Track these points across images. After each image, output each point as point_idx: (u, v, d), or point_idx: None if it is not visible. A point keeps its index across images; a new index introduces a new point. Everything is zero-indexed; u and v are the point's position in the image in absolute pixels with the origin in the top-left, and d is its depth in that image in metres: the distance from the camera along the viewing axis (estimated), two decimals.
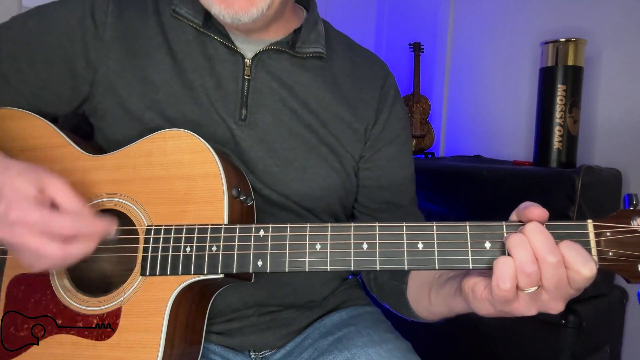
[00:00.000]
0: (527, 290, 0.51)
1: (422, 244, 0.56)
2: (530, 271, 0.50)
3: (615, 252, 0.52)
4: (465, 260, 0.55)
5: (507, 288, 0.50)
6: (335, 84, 0.81)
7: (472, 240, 0.55)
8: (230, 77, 0.75)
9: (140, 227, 0.66)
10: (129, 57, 0.74)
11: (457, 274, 0.64)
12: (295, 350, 0.80)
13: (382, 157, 0.84)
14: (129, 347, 0.62)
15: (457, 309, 0.63)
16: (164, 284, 0.63)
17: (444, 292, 0.66)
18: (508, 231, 0.54)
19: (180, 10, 0.75)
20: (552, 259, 0.50)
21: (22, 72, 0.74)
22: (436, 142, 1.99)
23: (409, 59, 2.03)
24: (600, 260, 0.53)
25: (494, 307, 0.54)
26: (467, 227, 0.56)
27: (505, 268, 0.51)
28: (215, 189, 0.65)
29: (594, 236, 0.53)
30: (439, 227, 0.56)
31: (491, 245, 0.55)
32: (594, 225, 0.53)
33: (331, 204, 0.81)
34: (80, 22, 0.74)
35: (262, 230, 0.61)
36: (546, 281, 0.50)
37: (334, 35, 0.87)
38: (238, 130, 0.75)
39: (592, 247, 0.53)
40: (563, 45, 1.35)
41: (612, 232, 0.52)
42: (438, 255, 0.56)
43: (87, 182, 0.69)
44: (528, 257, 0.50)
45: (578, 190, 1.18)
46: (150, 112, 0.74)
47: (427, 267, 0.56)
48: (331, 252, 0.59)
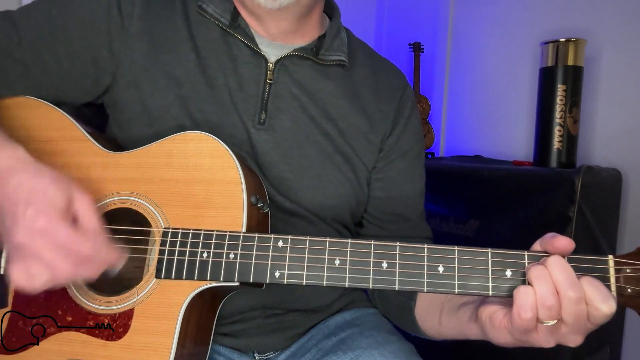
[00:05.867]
0: (547, 323, 0.51)
1: (442, 267, 0.56)
2: (550, 304, 0.50)
3: (634, 289, 0.53)
4: (485, 287, 0.55)
5: (528, 317, 0.50)
6: (355, 93, 0.81)
7: (493, 267, 0.55)
8: (252, 80, 0.75)
9: (157, 228, 0.65)
10: (154, 51, 0.73)
11: (471, 299, 0.64)
12: (299, 351, 0.80)
13: (394, 168, 0.83)
14: (140, 349, 0.62)
15: (471, 335, 0.63)
16: (178, 288, 0.62)
17: (458, 317, 0.65)
18: (530, 261, 0.54)
19: (207, 8, 0.74)
20: (572, 294, 0.50)
21: (43, 62, 0.72)
22: (436, 142, 1.99)
23: (409, 59, 2.03)
24: (619, 297, 0.53)
25: (513, 336, 0.54)
26: (489, 253, 0.56)
27: (526, 298, 0.51)
28: (235, 196, 0.64)
29: (614, 272, 0.54)
30: (460, 252, 0.57)
31: (512, 273, 0.55)
32: (614, 261, 0.54)
33: (342, 214, 0.80)
34: (106, 12, 0.72)
35: (281, 241, 0.61)
36: (566, 315, 0.51)
37: (356, 43, 0.86)
38: (256, 133, 0.74)
39: (611, 282, 0.53)
40: (563, 45, 1.35)
41: (631, 269, 0.53)
42: (458, 280, 0.56)
43: (105, 179, 0.68)
44: (549, 290, 0.50)
45: (578, 190, 1.18)
46: (173, 109, 0.72)
47: (446, 291, 0.56)
48: (350, 269, 0.58)
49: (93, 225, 0.57)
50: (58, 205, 0.55)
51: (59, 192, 0.55)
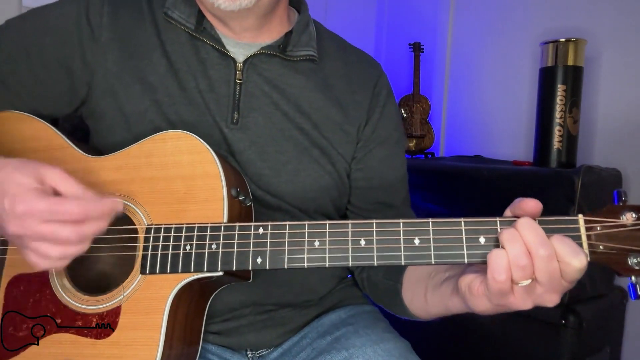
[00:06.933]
0: (522, 283, 0.52)
1: (418, 239, 0.58)
2: (523, 264, 0.51)
3: (606, 245, 0.54)
4: (460, 255, 0.56)
5: (502, 279, 0.51)
6: (327, 86, 0.81)
7: (467, 235, 0.57)
8: (222, 81, 0.76)
9: (140, 226, 0.66)
10: (126, 58, 0.74)
11: (452, 274, 0.65)
12: (293, 349, 0.80)
13: (373, 157, 0.84)
14: (128, 345, 0.62)
15: (454, 309, 0.64)
16: (163, 282, 0.63)
17: (441, 292, 0.66)
18: (502, 226, 0.56)
19: (172, 14, 0.75)
20: (543, 252, 0.51)
21: (19, 75, 0.74)
22: (436, 142, 1.99)
23: (409, 59, 2.03)
24: (592, 254, 0.54)
25: (491, 301, 0.55)
26: (462, 222, 0.57)
27: (499, 260, 0.52)
28: (215, 189, 0.65)
29: (584, 230, 0.55)
30: (434, 223, 0.58)
31: (485, 240, 0.56)
32: (584, 219, 0.55)
33: (324, 206, 0.81)
34: (75, 23, 0.74)
35: (262, 228, 0.62)
36: (539, 274, 0.52)
37: (326, 35, 0.86)
38: (230, 133, 0.75)
39: (583, 240, 0.54)
40: (563, 45, 1.35)
41: (602, 227, 0.54)
42: (434, 251, 0.57)
43: (89, 184, 0.68)
44: (521, 250, 0.52)
45: (578, 190, 1.18)
46: (149, 113, 0.74)
47: (424, 262, 0.57)
48: (329, 249, 0.60)
49: (72, 188, 0.58)
50: (30, 186, 0.56)
51: (25, 174, 0.57)
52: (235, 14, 0.71)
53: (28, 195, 0.55)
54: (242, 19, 0.74)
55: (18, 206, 0.55)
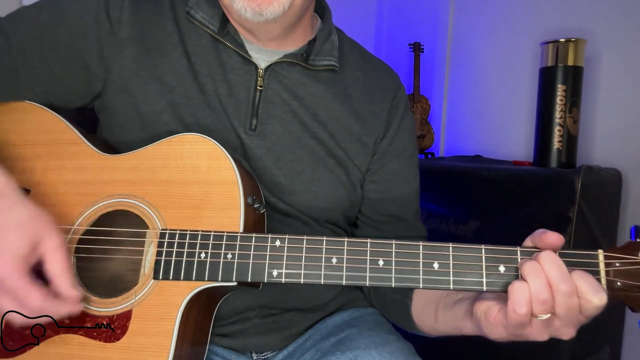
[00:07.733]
0: (541, 317, 0.52)
1: (437, 264, 0.57)
2: (544, 299, 0.51)
3: (623, 282, 0.54)
4: (479, 282, 0.56)
5: (523, 313, 0.51)
6: (346, 96, 0.80)
7: (486, 263, 0.57)
8: (242, 86, 0.75)
9: (154, 230, 0.65)
10: (144, 55, 0.73)
11: (466, 296, 0.64)
12: (297, 351, 0.80)
13: (388, 170, 0.83)
14: (138, 350, 0.62)
15: (466, 331, 0.64)
16: (175, 289, 0.63)
17: (453, 313, 0.65)
18: (522, 257, 0.55)
19: (195, 15, 0.74)
20: (565, 287, 0.51)
21: (33, 67, 0.72)
22: (436, 142, 1.99)
23: (409, 59, 2.03)
24: (609, 290, 0.54)
25: (507, 331, 0.55)
26: (483, 250, 0.57)
27: (521, 293, 0.52)
28: (232, 197, 0.64)
29: (604, 266, 0.55)
30: (454, 249, 0.58)
31: (505, 269, 0.56)
32: (604, 255, 0.55)
33: (334, 216, 0.81)
34: (94, 18, 0.72)
35: (279, 240, 0.61)
36: (559, 309, 0.52)
37: (347, 44, 0.86)
38: (247, 139, 0.75)
39: (601, 276, 0.55)
40: (563, 45, 1.35)
41: (620, 263, 0.54)
42: (453, 276, 0.57)
43: (101, 181, 0.68)
44: (543, 285, 0.51)
45: (578, 190, 1.18)
46: (165, 114, 0.73)
47: (442, 287, 0.57)
48: (347, 267, 0.59)
49: (55, 267, 0.57)
50: (17, 250, 0.55)
51: (20, 237, 0.56)
52: (262, 25, 0.70)
53: (10, 262, 0.55)
54: (269, 30, 0.73)
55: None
